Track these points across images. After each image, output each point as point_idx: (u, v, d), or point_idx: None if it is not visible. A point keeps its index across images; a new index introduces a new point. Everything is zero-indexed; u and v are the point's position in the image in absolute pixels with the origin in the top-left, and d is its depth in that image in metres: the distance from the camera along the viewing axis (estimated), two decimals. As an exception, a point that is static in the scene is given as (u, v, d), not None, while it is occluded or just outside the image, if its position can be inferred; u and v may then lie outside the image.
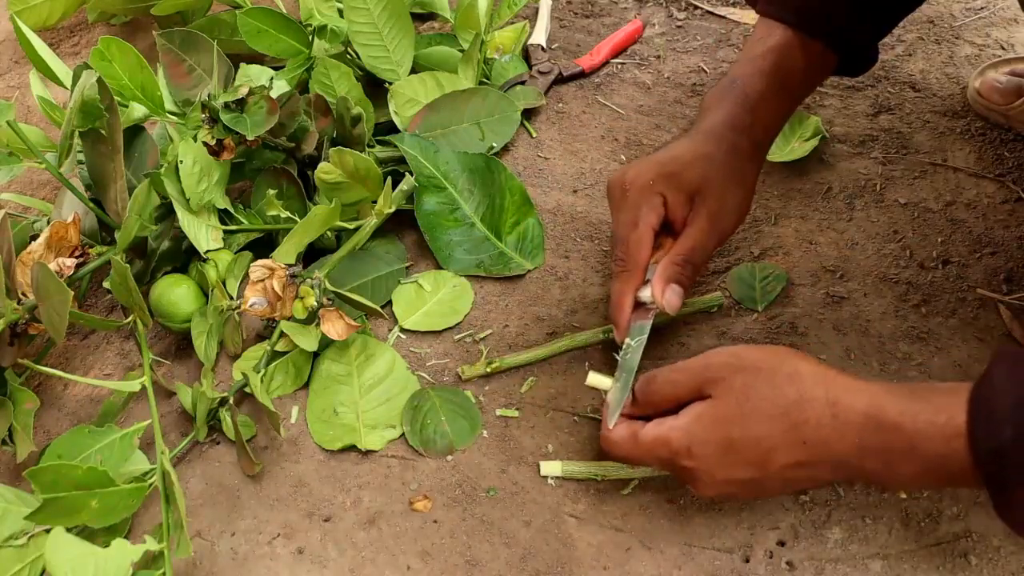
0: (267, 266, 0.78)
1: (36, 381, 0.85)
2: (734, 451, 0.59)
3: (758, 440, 0.58)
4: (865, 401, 0.56)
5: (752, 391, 0.58)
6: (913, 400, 0.55)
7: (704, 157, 0.70)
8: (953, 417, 0.52)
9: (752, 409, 0.58)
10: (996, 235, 0.86)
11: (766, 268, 0.85)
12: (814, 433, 0.57)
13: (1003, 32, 1.04)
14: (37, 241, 0.78)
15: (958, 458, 0.52)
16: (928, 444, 0.53)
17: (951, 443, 0.52)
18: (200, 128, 0.83)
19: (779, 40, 0.72)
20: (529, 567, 0.69)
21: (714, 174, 0.70)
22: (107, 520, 0.68)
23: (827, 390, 0.57)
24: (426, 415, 0.77)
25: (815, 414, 0.56)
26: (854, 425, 0.56)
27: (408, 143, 0.91)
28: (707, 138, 0.71)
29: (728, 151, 0.70)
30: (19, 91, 1.15)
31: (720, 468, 0.60)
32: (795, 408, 0.57)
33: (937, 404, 0.54)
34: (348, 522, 0.72)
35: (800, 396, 0.57)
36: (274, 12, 0.94)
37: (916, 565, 0.67)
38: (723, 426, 0.59)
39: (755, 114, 0.72)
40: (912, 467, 0.55)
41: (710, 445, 0.59)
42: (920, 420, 0.54)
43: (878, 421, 0.55)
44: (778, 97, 0.72)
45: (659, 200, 0.70)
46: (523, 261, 0.87)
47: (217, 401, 0.77)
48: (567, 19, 1.13)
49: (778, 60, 0.72)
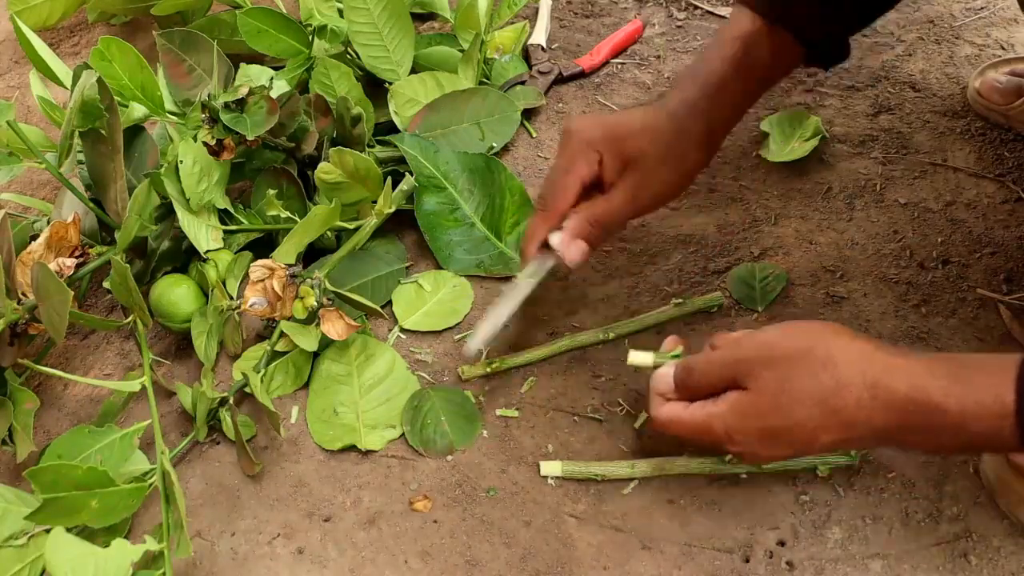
0: (267, 266, 0.78)
1: (36, 381, 0.85)
2: (776, 437, 0.59)
3: (799, 426, 0.58)
4: (906, 382, 0.55)
5: (785, 383, 0.58)
6: (957, 381, 0.54)
7: (651, 130, 0.71)
8: (1000, 396, 0.52)
9: (788, 400, 0.58)
10: (996, 235, 0.86)
11: (766, 268, 0.85)
12: (854, 414, 0.56)
13: (1003, 32, 1.04)
14: (37, 241, 0.79)
15: (1006, 435, 0.52)
16: (975, 424, 0.53)
17: (1000, 422, 0.52)
18: (200, 128, 0.83)
19: (747, 28, 0.72)
20: (529, 567, 0.69)
21: (652, 150, 0.71)
22: (107, 520, 0.68)
23: (864, 373, 0.56)
24: (426, 415, 0.77)
25: (854, 398, 0.56)
26: (896, 406, 0.55)
27: (408, 143, 0.91)
28: (661, 113, 0.72)
29: (676, 131, 0.71)
30: (19, 91, 1.15)
31: (764, 450, 0.60)
32: (832, 395, 0.56)
33: (982, 384, 0.53)
34: (348, 522, 0.72)
35: (837, 383, 0.56)
36: (274, 12, 0.94)
37: (916, 565, 0.67)
38: (761, 418, 0.59)
39: (715, 99, 0.72)
40: (956, 443, 0.55)
41: (750, 434, 0.59)
42: (967, 402, 0.53)
43: (921, 403, 0.54)
44: (741, 85, 0.73)
45: (595, 157, 0.71)
46: (523, 261, 0.88)
47: (217, 401, 0.77)
48: (567, 19, 1.13)
49: (744, 48, 0.72)
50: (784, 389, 0.58)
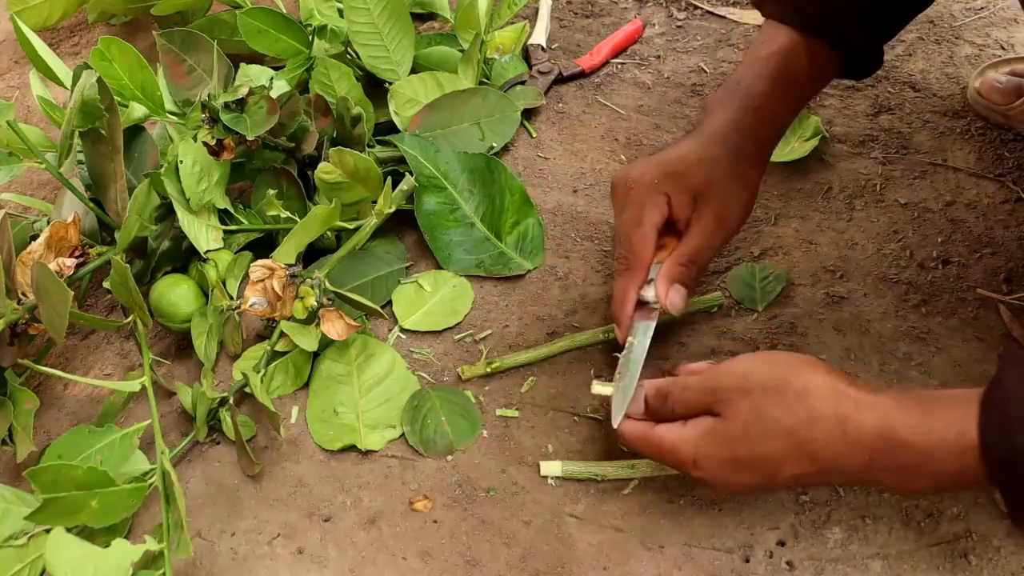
0: (267, 266, 0.78)
1: (36, 381, 0.85)
2: (741, 467, 0.59)
3: (766, 457, 0.58)
4: (875, 419, 0.55)
5: (759, 412, 0.58)
6: (924, 416, 0.54)
7: (709, 158, 0.70)
8: (965, 432, 0.52)
9: (759, 430, 0.58)
10: (996, 235, 0.86)
11: (766, 268, 0.85)
12: (823, 449, 0.56)
13: (1003, 32, 1.04)
14: (37, 241, 0.78)
15: (971, 471, 0.52)
16: (940, 460, 0.53)
17: (963, 457, 0.52)
18: (200, 128, 0.83)
19: (784, 43, 0.72)
20: (529, 567, 0.69)
21: (718, 175, 0.70)
22: (107, 520, 0.68)
23: (836, 406, 0.56)
24: (426, 415, 0.77)
25: (824, 431, 0.56)
26: (864, 444, 0.55)
27: (408, 143, 0.91)
28: (711, 140, 0.71)
29: (732, 153, 0.70)
30: (19, 91, 1.15)
31: (727, 479, 0.60)
32: (803, 426, 0.57)
33: (948, 419, 0.53)
34: (348, 522, 0.72)
35: (809, 414, 0.57)
36: (274, 12, 0.94)
37: (916, 565, 0.67)
38: (729, 445, 0.59)
39: (759, 116, 0.71)
40: (926, 481, 0.55)
41: (716, 460, 0.60)
42: (932, 437, 0.53)
43: (888, 440, 0.54)
44: (782, 100, 0.72)
45: (663, 199, 0.70)
46: (523, 261, 0.88)
47: (217, 401, 0.77)
48: (567, 19, 1.13)
49: (783, 63, 0.71)
50: (757, 418, 0.58)
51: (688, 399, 0.62)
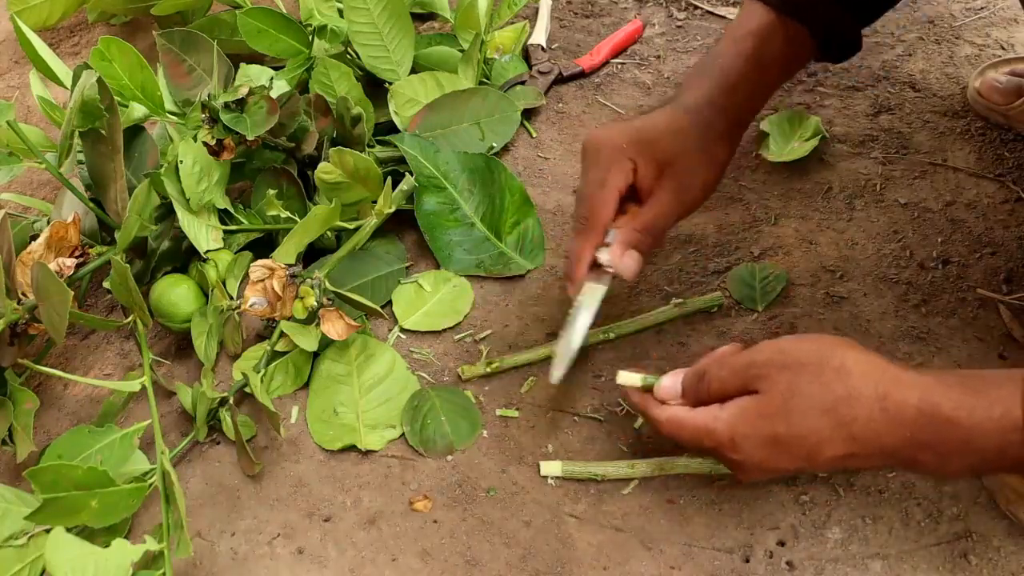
0: (267, 266, 0.78)
1: (36, 381, 0.85)
2: (780, 446, 0.58)
3: (805, 436, 0.57)
4: (917, 395, 0.55)
5: (797, 388, 0.57)
6: (967, 393, 0.54)
7: (679, 131, 0.70)
8: (1010, 410, 0.52)
9: (797, 406, 0.57)
10: (996, 235, 0.86)
11: (766, 268, 0.85)
12: (863, 428, 0.55)
13: (1003, 32, 1.04)
14: (37, 241, 0.78)
15: (1013, 450, 0.52)
16: (984, 438, 0.53)
17: (1008, 436, 0.52)
18: (200, 128, 0.83)
19: (761, 23, 0.72)
20: (529, 567, 0.69)
21: (685, 148, 0.70)
22: (107, 520, 0.68)
23: (876, 385, 0.56)
24: (426, 415, 0.77)
25: (864, 410, 0.55)
26: (906, 420, 0.55)
27: (408, 143, 0.91)
28: (684, 112, 0.71)
29: (703, 128, 0.70)
30: (19, 91, 1.16)
31: (765, 460, 0.59)
32: (843, 404, 0.56)
33: (992, 397, 0.53)
34: (348, 522, 0.72)
35: (848, 393, 0.56)
36: (274, 12, 0.94)
37: (916, 565, 0.67)
38: (768, 422, 0.58)
39: (732, 95, 0.71)
40: (967, 460, 0.54)
41: (754, 439, 0.58)
42: (976, 415, 0.53)
43: (931, 416, 0.54)
44: (757, 80, 0.72)
45: (629, 165, 0.70)
46: (523, 261, 0.88)
47: (217, 401, 0.77)
48: (567, 19, 1.13)
49: (758, 43, 0.71)
50: (795, 392, 0.57)
51: (725, 377, 0.61)
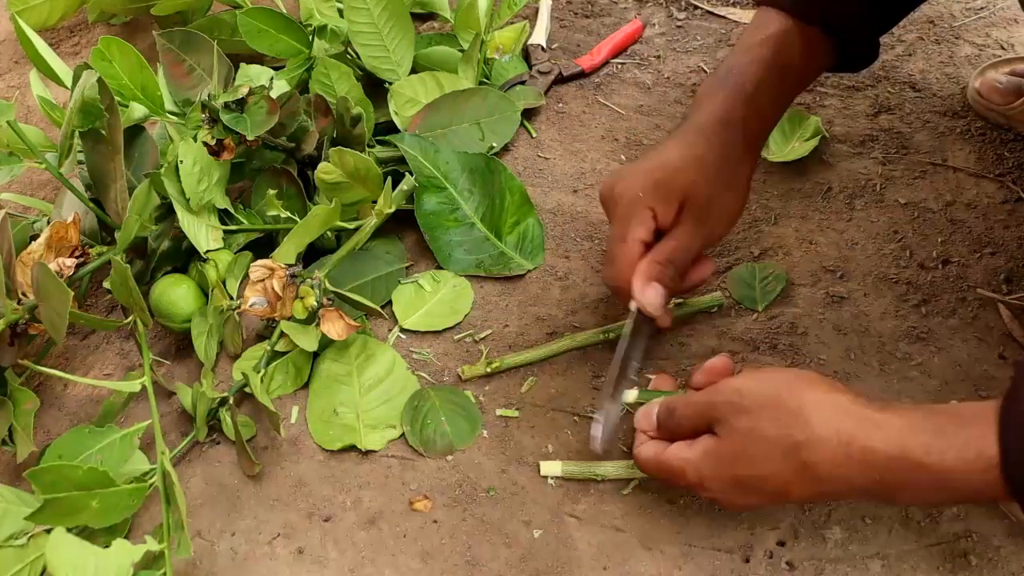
0: (267, 266, 0.78)
1: (36, 381, 0.85)
2: (746, 487, 0.59)
3: (768, 477, 0.57)
4: (886, 440, 0.53)
5: (755, 433, 0.57)
6: (938, 435, 0.52)
7: (693, 160, 0.68)
8: (983, 451, 0.50)
9: (757, 451, 0.57)
10: (996, 235, 0.86)
11: (766, 268, 0.85)
12: (829, 471, 0.55)
13: (1003, 32, 1.04)
14: (37, 241, 0.78)
15: (991, 489, 0.51)
16: (959, 479, 0.52)
17: (984, 476, 0.51)
18: (200, 128, 0.83)
19: (777, 28, 0.70)
20: (529, 567, 0.69)
21: (702, 178, 0.68)
22: (107, 520, 0.68)
23: (839, 431, 0.54)
24: (426, 415, 0.77)
25: (828, 454, 0.55)
26: (875, 465, 0.54)
27: (408, 143, 0.91)
28: (697, 138, 0.69)
29: (718, 153, 0.69)
30: (19, 91, 1.15)
31: (737, 498, 0.61)
32: (803, 450, 0.55)
33: (964, 437, 0.51)
34: (348, 522, 0.72)
35: (808, 438, 0.55)
36: (274, 12, 0.94)
37: (916, 565, 0.67)
38: (729, 466, 0.59)
39: (750, 105, 0.69)
40: (943, 497, 0.55)
41: (720, 481, 0.60)
42: (948, 457, 0.51)
43: (901, 461, 0.53)
44: (776, 88, 0.70)
45: (648, 214, 0.69)
46: (523, 261, 0.88)
47: (217, 401, 0.77)
48: (567, 19, 1.13)
49: (776, 49, 0.69)
50: (752, 439, 0.57)
51: (690, 416, 0.62)
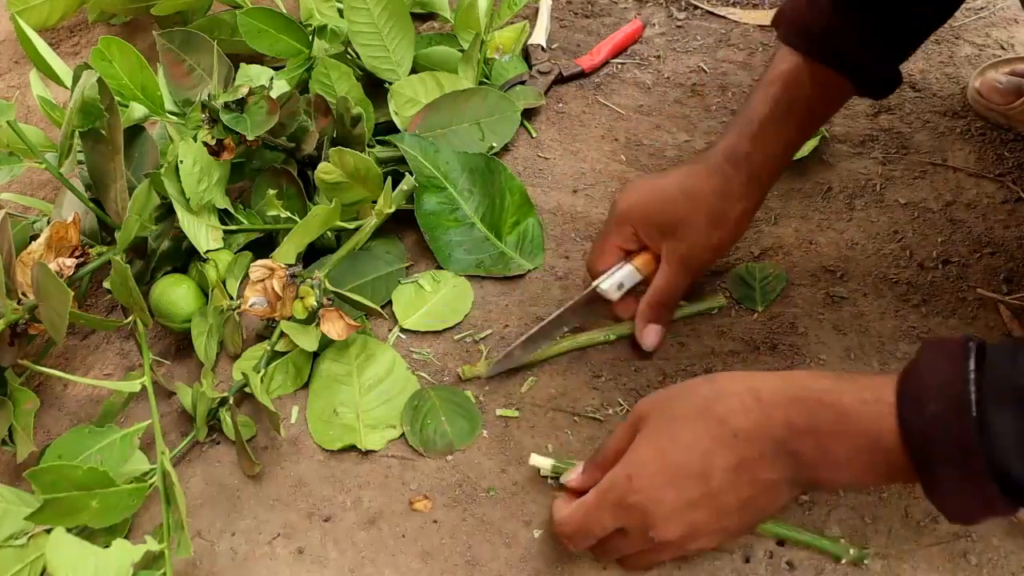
0: (267, 266, 0.78)
1: (36, 381, 0.85)
2: (671, 464, 0.58)
3: (690, 444, 0.58)
4: (787, 383, 0.57)
5: (673, 406, 0.60)
6: (839, 380, 0.55)
7: (688, 195, 0.73)
8: (881, 397, 0.52)
9: (675, 418, 0.60)
10: (996, 235, 0.86)
11: (766, 268, 0.85)
12: (741, 421, 0.57)
13: (1003, 32, 1.04)
14: (37, 241, 0.78)
15: (888, 437, 0.52)
16: (857, 422, 0.53)
17: (880, 422, 0.52)
18: (200, 128, 0.83)
19: (789, 66, 0.71)
20: (529, 567, 0.69)
21: (692, 215, 0.73)
22: (107, 520, 0.68)
23: (745, 383, 0.58)
24: (426, 415, 0.77)
25: (739, 403, 0.57)
26: (779, 406, 0.56)
27: (408, 143, 0.91)
28: (699, 171, 0.73)
29: (716, 189, 0.72)
30: (19, 91, 1.16)
31: (666, 491, 0.58)
32: (715, 403, 0.58)
33: (863, 384, 0.54)
34: (348, 522, 0.72)
35: (718, 392, 0.59)
36: (274, 12, 0.94)
37: (916, 565, 0.67)
38: (653, 443, 0.60)
39: (755, 142, 0.72)
40: (844, 448, 0.54)
41: (646, 464, 0.59)
42: (846, 398, 0.54)
43: (803, 400, 0.55)
44: (782, 124, 0.72)
45: (629, 231, 0.76)
46: (523, 261, 0.88)
47: (217, 401, 0.77)
48: (567, 19, 1.13)
49: (785, 86, 0.71)
50: (671, 410, 0.60)
51: (617, 435, 0.63)
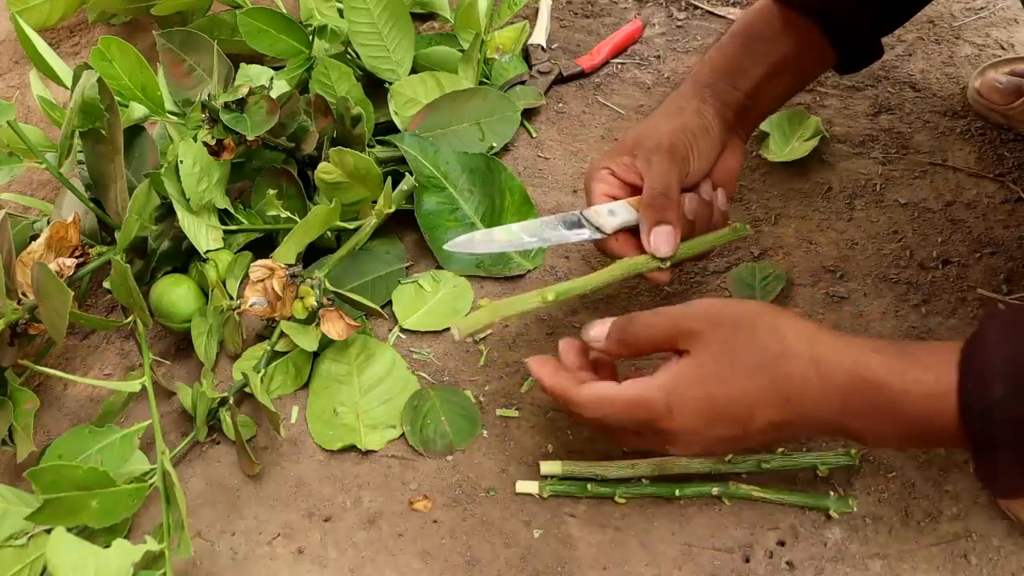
0: (267, 266, 0.78)
1: (36, 381, 0.85)
2: (716, 408, 0.56)
3: (741, 396, 0.56)
4: (851, 359, 0.54)
5: (732, 345, 0.56)
6: (901, 357, 0.53)
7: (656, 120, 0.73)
8: (942, 377, 0.51)
9: (733, 363, 0.56)
10: (996, 235, 0.86)
11: (766, 268, 0.85)
12: (798, 390, 0.55)
13: (1003, 32, 1.04)
14: (37, 241, 0.78)
15: (945, 417, 0.51)
16: (915, 403, 0.52)
17: (939, 401, 0.51)
18: (200, 128, 0.83)
19: (757, 7, 0.74)
20: (529, 567, 0.69)
21: (646, 126, 0.73)
22: (107, 520, 0.68)
23: (811, 346, 0.55)
24: (426, 415, 0.77)
25: (799, 370, 0.55)
26: (839, 384, 0.54)
27: (408, 143, 0.91)
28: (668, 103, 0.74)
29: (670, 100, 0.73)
30: (19, 91, 1.15)
31: (702, 426, 0.57)
32: (779, 361, 0.55)
33: (926, 362, 0.52)
34: (348, 522, 0.72)
35: (783, 350, 0.55)
36: (274, 12, 0.94)
37: (916, 565, 0.67)
38: (704, 383, 0.56)
39: (717, 72, 0.73)
40: (896, 426, 0.54)
41: (692, 403, 0.57)
42: (908, 378, 0.52)
43: (864, 379, 0.53)
44: (741, 52, 0.74)
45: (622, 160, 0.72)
46: (523, 261, 0.88)
47: (217, 401, 0.77)
48: (567, 19, 1.13)
49: (747, 21, 0.74)
50: (729, 350, 0.56)
51: (655, 324, 0.59)
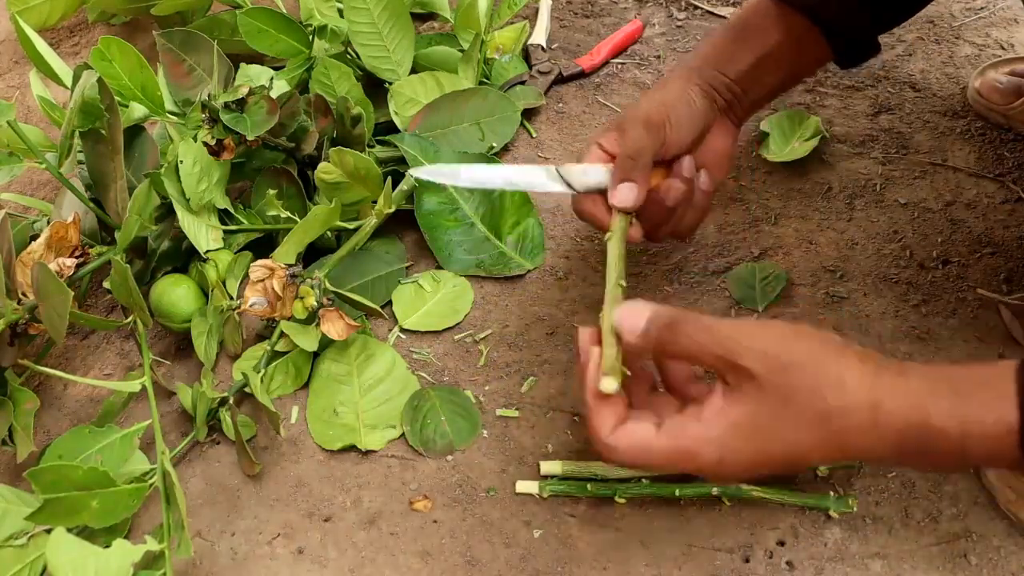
0: (267, 266, 0.78)
1: (36, 381, 0.85)
2: (769, 458, 0.55)
3: (795, 447, 0.54)
4: (908, 405, 0.52)
5: (791, 400, 0.53)
6: (958, 400, 0.52)
7: (643, 97, 0.73)
8: (1002, 416, 0.50)
9: (791, 418, 0.53)
10: (996, 235, 0.86)
11: (766, 268, 0.85)
12: (854, 440, 0.53)
13: (1003, 32, 1.04)
14: (37, 241, 0.78)
15: (1008, 454, 0.51)
16: (976, 444, 0.51)
17: (1001, 441, 0.50)
18: (200, 128, 0.83)
19: (753, 0, 0.73)
20: (529, 567, 0.69)
21: (632, 106, 0.72)
22: (107, 520, 0.68)
23: (870, 393, 0.53)
24: (426, 415, 0.77)
25: (856, 422, 0.53)
26: (895, 431, 0.53)
27: (408, 143, 0.91)
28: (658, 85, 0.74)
29: (670, 87, 0.72)
30: (19, 91, 1.16)
31: (751, 471, 0.56)
32: (836, 416, 0.53)
33: (983, 400, 0.51)
34: (348, 522, 0.72)
35: (844, 406, 0.53)
36: (274, 12, 0.94)
37: (916, 565, 0.67)
38: (759, 439, 0.54)
39: (707, 59, 0.73)
40: (955, 464, 0.54)
41: (745, 455, 0.54)
42: (968, 423, 0.51)
43: (921, 428, 0.52)
44: (729, 39, 0.73)
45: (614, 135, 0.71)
46: (523, 261, 0.88)
47: (217, 401, 0.77)
48: (567, 19, 1.13)
49: (739, 15, 0.73)
50: (786, 403, 0.53)
51: (703, 343, 0.54)
